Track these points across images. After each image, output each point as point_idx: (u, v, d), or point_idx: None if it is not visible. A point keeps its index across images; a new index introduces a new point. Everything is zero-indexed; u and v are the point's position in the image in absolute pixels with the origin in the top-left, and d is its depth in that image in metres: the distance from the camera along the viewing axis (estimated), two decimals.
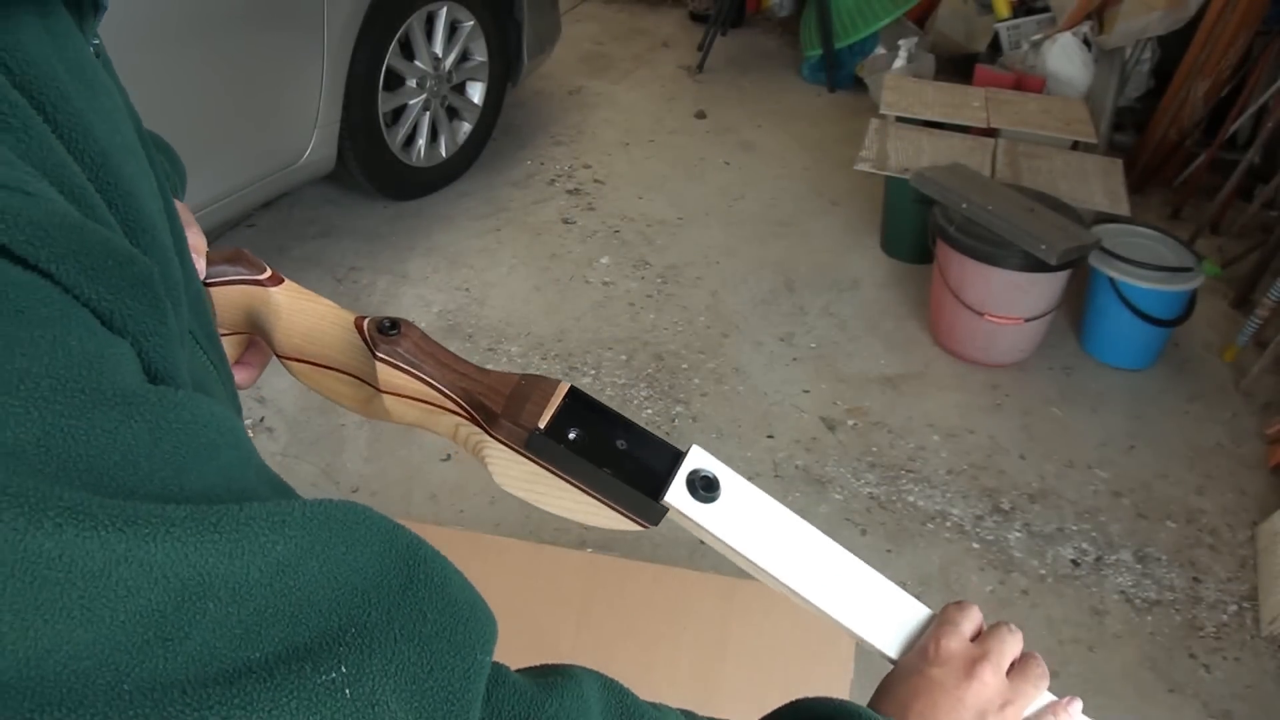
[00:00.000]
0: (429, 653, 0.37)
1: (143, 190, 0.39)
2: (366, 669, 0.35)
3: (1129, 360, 2.67)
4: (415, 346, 0.59)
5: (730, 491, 0.59)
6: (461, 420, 0.59)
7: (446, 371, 0.59)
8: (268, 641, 0.33)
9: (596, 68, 4.36)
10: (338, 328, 0.61)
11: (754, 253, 3.11)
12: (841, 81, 4.23)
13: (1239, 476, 2.36)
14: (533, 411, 0.58)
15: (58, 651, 0.28)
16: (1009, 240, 2.42)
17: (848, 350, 2.71)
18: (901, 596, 0.63)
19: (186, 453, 0.34)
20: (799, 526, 0.61)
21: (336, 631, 0.35)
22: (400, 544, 0.39)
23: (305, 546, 0.35)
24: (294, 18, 2.48)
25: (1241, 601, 2.04)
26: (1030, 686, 0.61)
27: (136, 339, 0.34)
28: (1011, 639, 0.61)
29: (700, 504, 0.58)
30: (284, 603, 0.34)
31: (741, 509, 0.59)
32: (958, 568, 2.08)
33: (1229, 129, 3.29)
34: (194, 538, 0.31)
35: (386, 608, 0.37)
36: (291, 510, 0.35)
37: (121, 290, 0.33)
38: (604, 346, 2.67)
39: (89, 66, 0.39)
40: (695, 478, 0.58)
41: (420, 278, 2.90)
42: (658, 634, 1.31)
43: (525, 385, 0.60)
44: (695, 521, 0.58)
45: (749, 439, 2.38)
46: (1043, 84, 3.55)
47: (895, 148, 3.00)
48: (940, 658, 0.59)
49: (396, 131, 3.00)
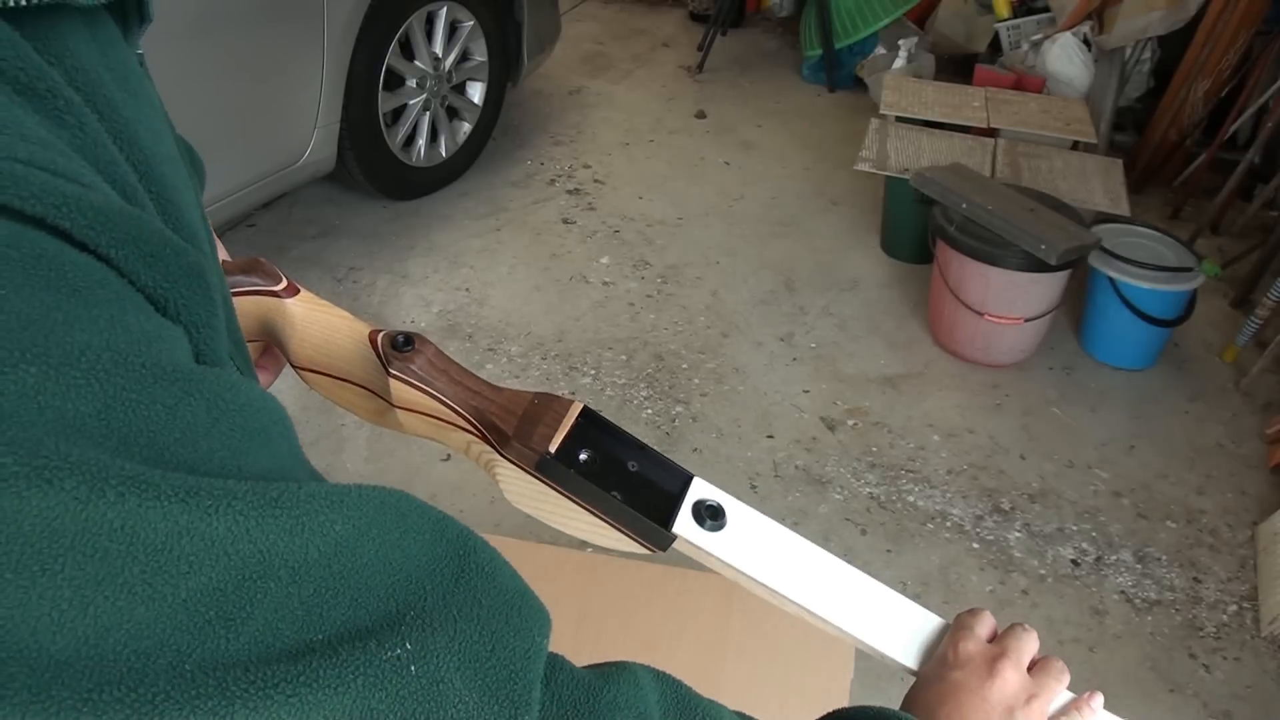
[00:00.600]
0: (489, 632, 0.38)
1: (184, 199, 0.40)
2: (430, 646, 0.35)
3: (1129, 360, 2.67)
4: (429, 363, 0.59)
5: (736, 519, 0.60)
6: (473, 438, 0.59)
7: (460, 389, 0.60)
8: (329, 622, 0.33)
9: (596, 68, 4.36)
10: (352, 340, 0.61)
11: (754, 253, 3.11)
12: (841, 81, 4.23)
13: (1239, 476, 2.36)
14: (544, 434, 0.58)
15: (118, 629, 0.28)
16: (1009, 240, 2.42)
17: (848, 350, 2.71)
18: (913, 609, 0.64)
19: (244, 435, 0.34)
20: (806, 548, 0.62)
21: (396, 613, 0.35)
22: (451, 533, 0.39)
23: (362, 528, 0.35)
24: (294, 17, 2.48)
25: (1241, 601, 2.04)
26: (1053, 680, 0.61)
27: (189, 328, 0.35)
28: (1027, 637, 0.62)
29: (709, 533, 0.58)
30: (343, 584, 0.34)
31: (749, 535, 0.60)
32: (958, 568, 2.08)
33: (1229, 129, 3.29)
34: (255, 512, 0.31)
35: (443, 592, 0.37)
36: (349, 492, 0.36)
37: (176, 279, 0.34)
38: (604, 346, 2.67)
39: (134, 76, 0.40)
40: (701, 507, 0.59)
41: (420, 278, 2.90)
42: (658, 634, 1.31)
43: (538, 405, 0.60)
44: (706, 550, 0.58)
45: (749, 439, 2.38)
46: (1043, 84, 3.55)
47: (895, 148, 3.00)
48: (960, 661, 0.60)
49: (396, 131, 3.00)
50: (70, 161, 0.31)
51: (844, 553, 2.09)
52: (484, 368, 2.57)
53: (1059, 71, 3.54)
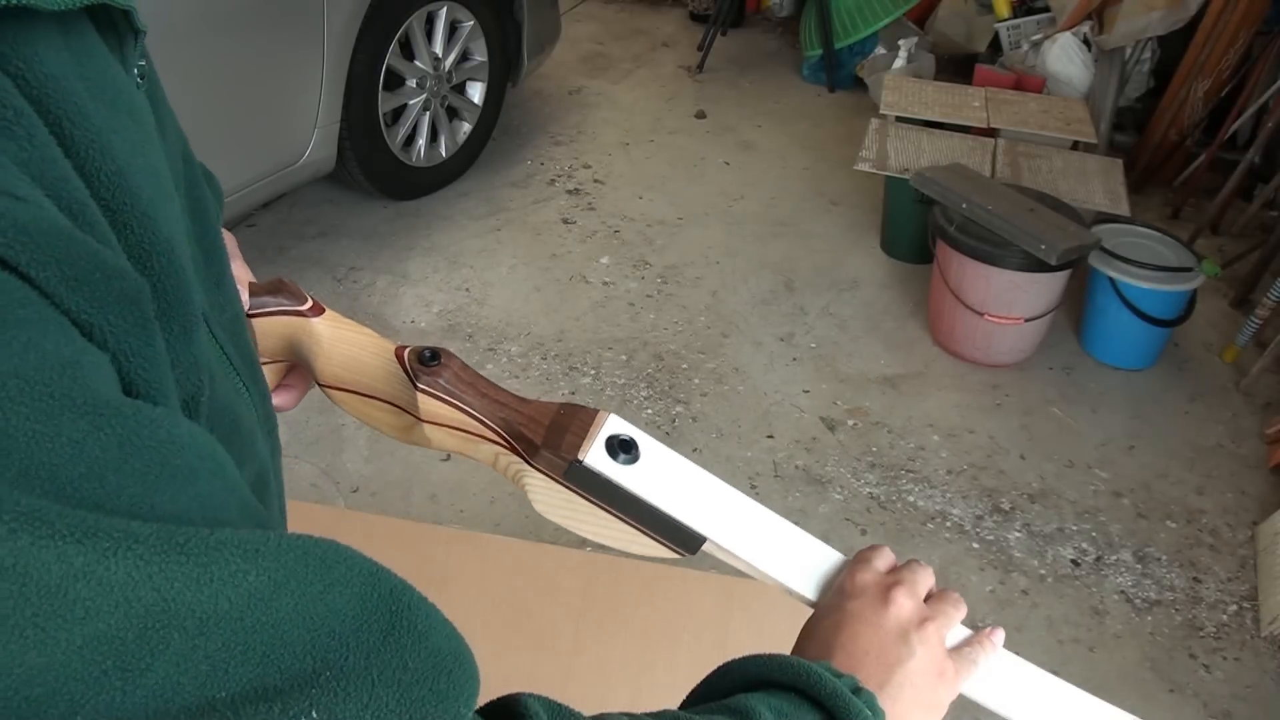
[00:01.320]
0: (409, 701, 0.35)
1: (163, 213, 0.39)
2: (340, 714, 0.33)
3: (1129, 360, 2.67)
4: (456, 377, 0.60)
5: (649, 454, 0.60)
6: (501, 450, 0.60)
7: (487, 402, 0.60)
8: (235, 680, 0.31)
9: (596, 68, 4.36)
10: (378, 358, 0.62)
11: (754, 253, 3.11)
12: (841, 81, 4.23)
13: (1239, 476, 2.36)
14: (572, 442, 0.59)
15: (7, 674, 0.27)
16: (1009, 240, 2.42)
17: (848, 350, 2.71)
18: (816, 544, 0.66)
19: (160, 473, 0.33)
20: (715, 485, 0.63)
21: (311, 672, 0.33)
22: (384, 588, 0.37)
23: (279, 580, 0.33)
24: (294, 18, 2.48)
25: (1241, 601, 2.04)
26: (949, 607, 0.62)
27: (117, 355, 0.33)
28: (922, 570, 0.63)
29: (620, 465, 0.59)
30: (255, 639, 0.32)
31: (660, 470, 0.60)
32: (958, 568, 2.08)
33: (1229, 129, 3.29)
34: (159, 558, 0.30)
35: (366, 651, 0.35)
36: (266, 540, 0.34)
37: (105, 304, 0.33)
38: (604, 346, 2.67)
39: (115, 88, 0.39)
40: (614, 441, 0.59)
41: (420, 278, 2.90)
42: (658, 633, 1.31)
43: (564, 415, 0.61)
44: (615, 482, 0.58)
45: (749, 439, 2.39)
46: (1043, 84, 3.55)
47: (895, 148, 3.00)
48: (855, 590, 0.61)
49: (396, 131, 3.00)
50: (5, 172, 0.30)
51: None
52: (484, 368, 2.57)
53: (1059, 71, 3.54)
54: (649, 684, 1.17)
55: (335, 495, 2.14)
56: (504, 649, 1.20)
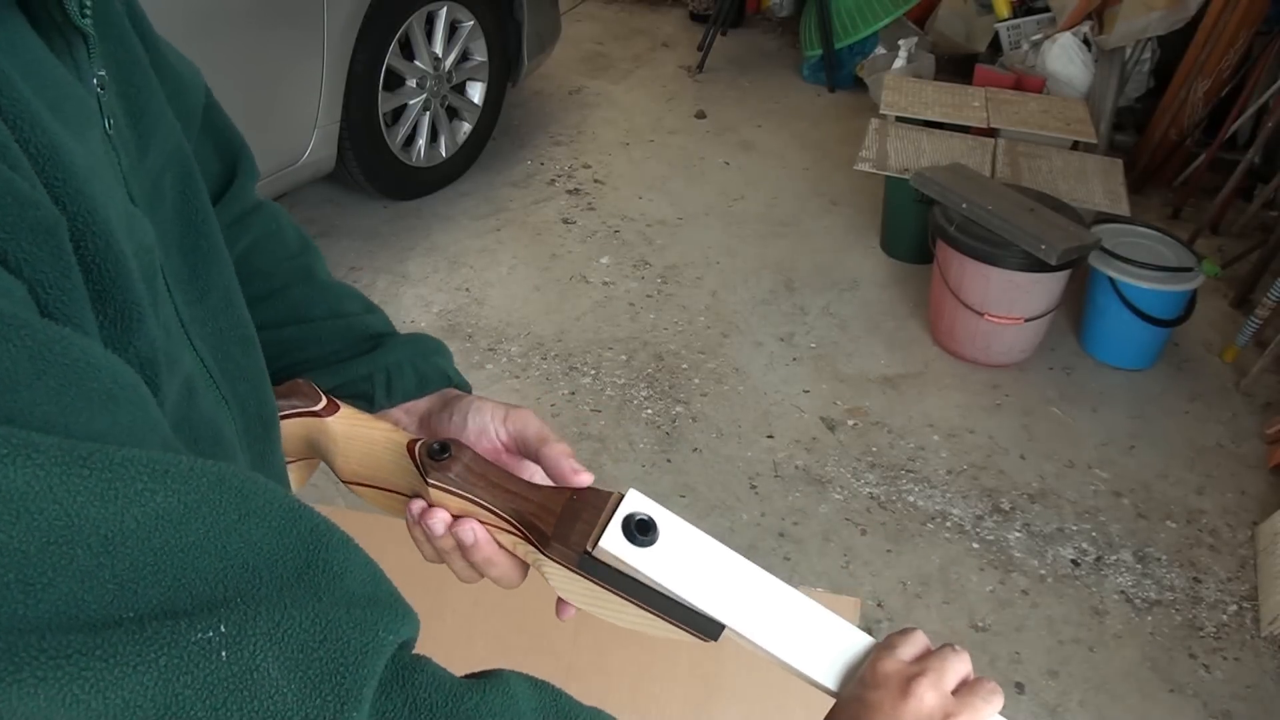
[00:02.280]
0: (322, 623, 0.35)
1: (102, 199, 0.38)
2: (248, 632, 0.33)
3: (1129, 360, 2.67)
4: (466, 469, 0.59)
5: (668, 534, 0.58)
6: (518, 539, 0.60)
7: (498, 493, 0.60)
8: (143, 600, 0.31)
9: (596, 68, 4.36)
10: (391, 453, 0.62)
11: (754, 253, 3.11)
12: (841, 81, 4.23)
13: (1239, 476, 2.36)
14: (583, 531, 0.58)
15: None
16: (1009, 240, 2.42)
17: (848, 350, 2.71)
18: (843, 628, 0.61)
19: (75, 393, 0.32)
20: (739, 565, 0.59)
21: (221, 600, 0.33)
22: (304, 526, 0.36)
23: (190, 504, 0.33)
24: (294, 18, 2.48)
25: (1241, 601, 2.04)
26: (979, 701, 0.57)
27: (33, 285, 0.33)
28: (955, 658, 0.58)
29: (637, 549, 0.56)
30: (163, 562, 0.32)
31: (680, 552, 0.58)
32: (958, 568, 2.08)
33: (1229, 129, 3.29)
34: (60, 469, 0.29)
35: (280, 585, 0.34)
36: (177, 462, 0.33)
37: (18, 231, 0.32)
38: (604, 346, 2.67)
39: (47, 80, 0.38)
40: (631, 522, 0.57)
41: (420, 278, 2.90)
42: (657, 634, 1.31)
43: (576, 501, 0.59)
44: (633, 567, 0.56)
45: (749, 439, 2.38)
46: (1043, 84, 3.55)
47: (895, 148, 3.00)
48: (876, 681, 0.57)
49: (396, 131, 3.00)
50: None
51: (844, 552, 2.09)
52: (484, 368, 2.57)
53: (1059, 71, 3.53)
54: (649, 684, 1.17)
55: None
56: (504, 649, 1.20)
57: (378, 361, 0.66)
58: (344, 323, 0.69)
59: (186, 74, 0.61)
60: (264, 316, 0.66)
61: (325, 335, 0.68)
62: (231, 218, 0.66)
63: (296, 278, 0.69)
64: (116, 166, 0.44)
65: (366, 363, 0.66)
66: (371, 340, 0.68)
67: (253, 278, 0.67)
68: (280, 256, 0.69)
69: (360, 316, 0.70)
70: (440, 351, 0.70)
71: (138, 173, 0.47)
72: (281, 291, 0.68)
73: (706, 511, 2.15)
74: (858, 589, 2.01)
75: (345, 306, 0.70)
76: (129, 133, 0.47)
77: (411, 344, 0.68)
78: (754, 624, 0.59)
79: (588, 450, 2.32)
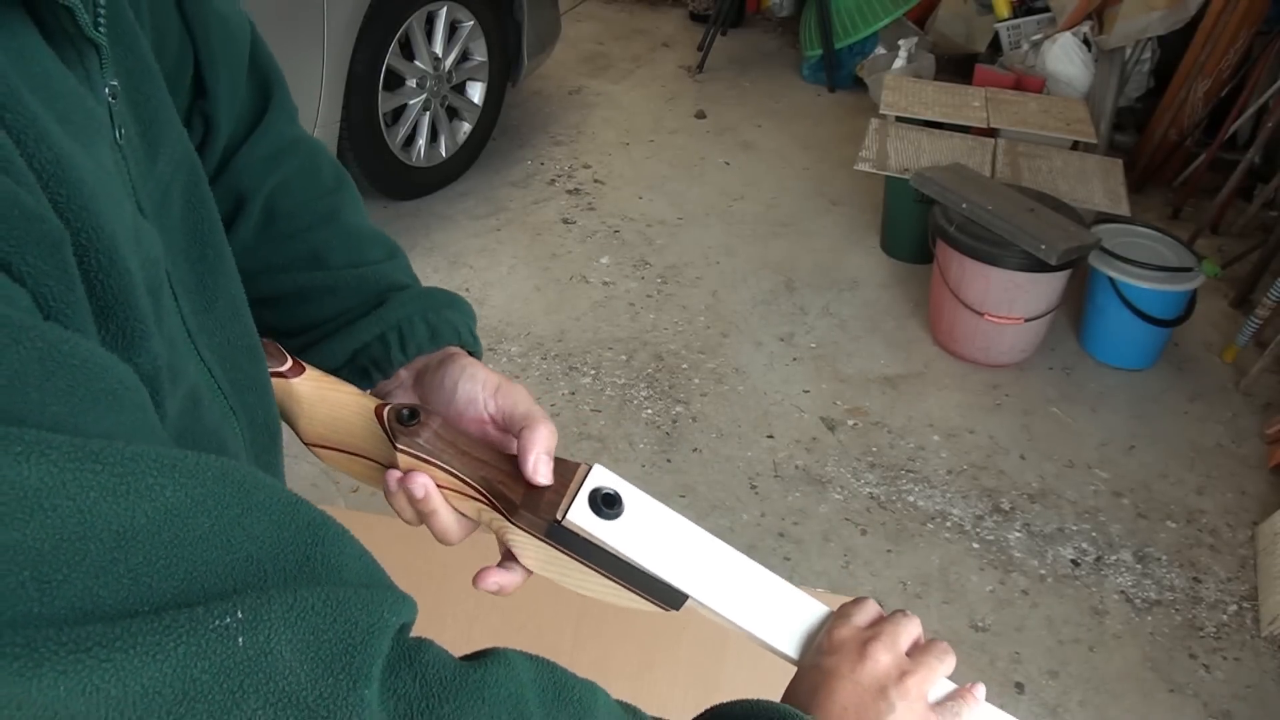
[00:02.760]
0: (332, 604, 0.36)
1: (108, 213, 0.38)
2: (264, 616, 0.34)
3: (1129, 360, 2.67)
4: (435, 435, 0.60)
5: (633, 508, 0.59)
6: (484, 506, 0.60)
7: (467, 460, 0.60)
8: (157, 594, 0.32)
9: (596, 68, 4.36)
10: (359, 416, 0.62)
11: (754, 253, 3.11)
12: (841, 81, 4.23)
13: (1239, 476, 2.36)
14: (552, 500, 0.58)
15: None
16: (1009, 240, 2.42)
17: (848, 350, 2.71)
18: (802, 599, 0.64)
19: (84, 394, 0.33)
20: (701, 538, 0.61)
21: (232, 591, 0.34)
22: (302, 519, 0.37)
23: (197, 498, 0.34)
24: (294, 17, 2.48)
25: (1241, 601, 2.04)
26: (932, 659, 0.59)
27: (37, 296, 0.34)
28: (906, 621, 0.61)
29: (603, 521, 0.58)
30: (176, 555, 0.32)
31: (645, 524, 0.59)
32: (958, 568, 2.08)
33: (1229, 129, 3.29)
34: (73, 465, 0.30)
35: (285, 575, 0.36)
36: (184, 457, 0.34)
37: (23, 244, 0.33)
38: (604, 346, 2.67)
39: (57, 90, 0.39)
40: (598, 496, 0.58)
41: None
42: (657, 634, 1.31)
43: None
44: (596, 540, 0.58)
45: (749, 439, 2.39)
46: (1043, 84, 3.55)
47: (895, 148, 3.00)
48: (833, 647, 0.59)
49: (396, 131, 3.00)
50: None
51: (844, 552, 2.09)
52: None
53: (1059, 71, 3.53)
54: (649, 684, 1.17)
55: (335, 495, 2.14)
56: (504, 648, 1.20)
57: (388, 318, 0.65)
58: (360, 274, 0.68)
59: (234, 20, 0.60)
60: (284, 257, 0.66)
61: (341, 287, 0.67)
62: (264, 154, 0.66)
63: (321, 219, 0.68)
64: (126, 176, 0.44)
65: (377, 321, 0.65)
66: (384, 294, 0.67)
67: (277, 217, 0.66)
68: (309, 196, 0.68)
69: (378, 265, 0.69)
70: (454, 305, 0.69)
71: (147, 182, 0.47)
72: (305, 233, 0.67)
73: (707, 511, 2.15)
74: (858, 589, 2.01)
75: (366, 254, 0.69)
76: (138, 141, 0.47)
77: (424, 297, 0.68)
78: (716, 594, 0.60)
79: (588, 450, 2.32)
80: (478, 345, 0.70)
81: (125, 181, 0.43)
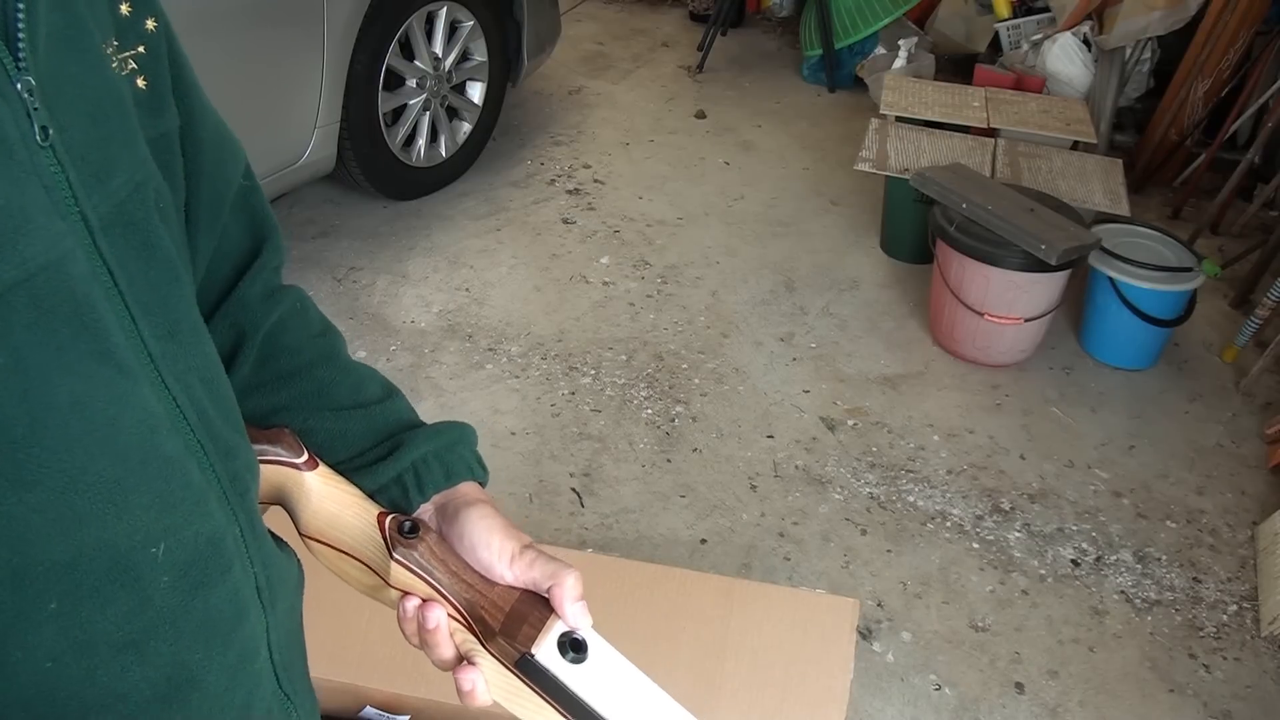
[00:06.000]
0: None
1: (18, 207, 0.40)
2: None
3: (1129, 360, 2.67)
4: (430, 552, 0.62)
5: (598, 657, 0.62)
6: (458, 625, 0.63)
7: (455, 581, 0.63)
8: None
9: (596, 68, 4.36)
10: (361, 520, 0.64)
11: (754, 253, 3.11)
12: (841, 81, 4.23)
13: (1239, 476, 2.36)
14: (528, 634, 0.61)
15: None
16: (1009, 240, 2.42)
17: (848, 350, 2.71)
18: None
19: None
20: (660, 698, 0.63)
21: None
22: None
23: None
24: (294, 17, 2.48)
25: (1241, 601, 2.04)
26: None
27: None
28: None
29: (568, 665, 0.61)
30: None
31: (607, 675, 0.62)
32: (958, 568, 2.08)
33: (1229, 129, 3.29)
34: None
35: None
36: None
37: None
38: (604, 346, 2.67)
39: None
40: (566, 640, 0.61)
41: (420, 278, 2.90)
42: (658, 634, 1.31)
43: (524, 604, 0.63)
44: (561, 681, 0.60)
45: (749, 439, 2.39)
46: (1043, 84, 3.55)
47: (895, 148, 3.00)
48: None
49: (396, 131, 3.00)
50: None
51: (844, 552, 2.09)
52: (484, 368, 2.57)
53: (1059, 71, 3.54)
54: None
55: None
56: None
57: (403, 460, 0.67)
58: (368, 414, 0.69)
59: (228, 145, 0.64)
60: (288, 396, 0.67)
61: (351, 430, 0.69)
62: (261, 292, 0.68)
63: (322, 357, 0.70)
64: (40, 176, 0.43)
65: (393, 464, 0.67)
66: (395, 437, 0.69)
67: (280, 354, 0.68)
68: (306, 335, 0.71)
69: (382, 405, 0.70)
70: (463, 440, 0.71)
71: (93, 195, 0.46)
72: (308, 370, 0.69)
73: (707, 511, 2.15)
74: (858, 589, 2.01)
75: (368, 392, 0.70)
76: (90, 153, 0.46)
77: (435, 435, 0.69)
78: None
79: (588, 450, 2.32)
80: (485, 474, 0.71)
81: (34, 178, 0.43)
